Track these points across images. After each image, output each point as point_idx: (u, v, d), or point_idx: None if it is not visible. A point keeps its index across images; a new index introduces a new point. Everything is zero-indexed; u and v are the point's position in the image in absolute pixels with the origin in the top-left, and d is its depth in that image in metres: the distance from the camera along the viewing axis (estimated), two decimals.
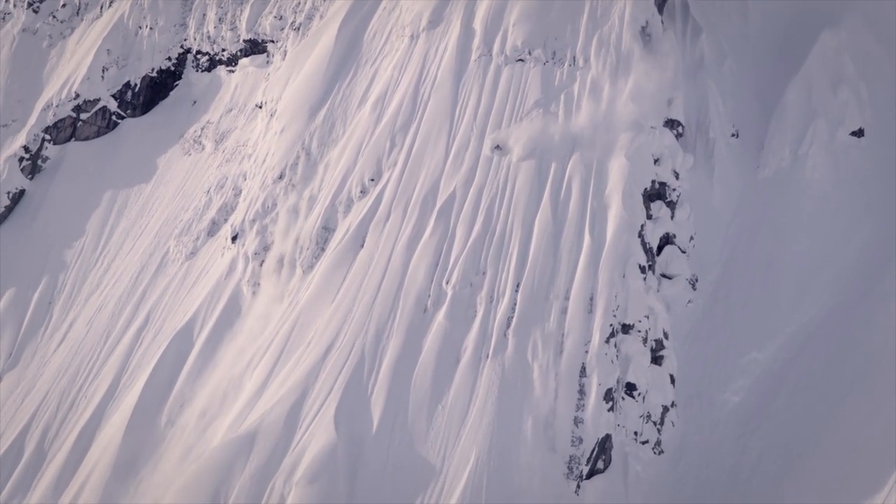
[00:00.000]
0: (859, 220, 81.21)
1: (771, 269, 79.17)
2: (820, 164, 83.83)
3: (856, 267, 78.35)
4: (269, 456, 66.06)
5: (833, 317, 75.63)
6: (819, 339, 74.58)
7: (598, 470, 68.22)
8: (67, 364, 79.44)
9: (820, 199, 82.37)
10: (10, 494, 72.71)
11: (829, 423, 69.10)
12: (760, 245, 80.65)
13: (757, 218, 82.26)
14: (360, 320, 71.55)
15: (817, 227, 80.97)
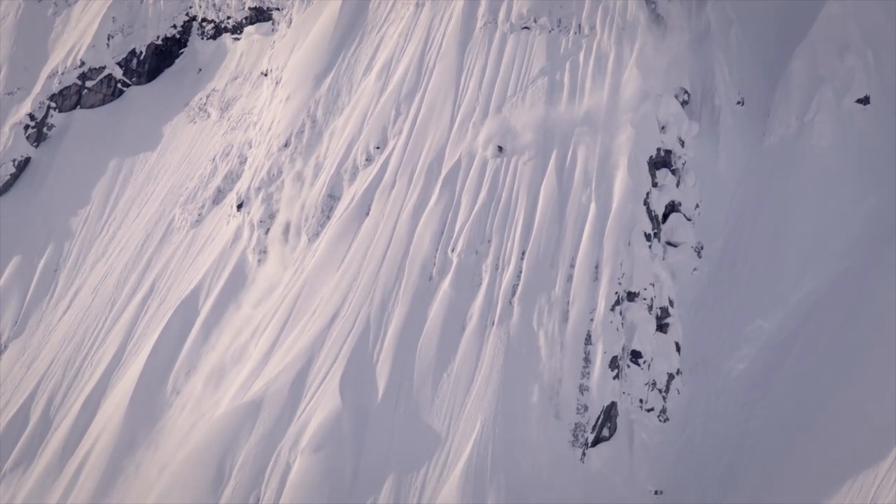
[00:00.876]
0: (865, 188, 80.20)
1: (777, 237, 78.25)
2: (826, 131, 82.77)
3: (862, 235, 77.48)
4: (275, 424, 65.63)
5: (839, 285, 74.82)
6: (825, 308, 73.74)
7: (604, 437, 67.82)
8: (73, 332, 78.78)
9: (826, 166, 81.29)
10: (16, 461, 72.22)
11: (833, 391, 68.33)
12: (766, 213, 79.72)
13: (763, 186, 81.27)
14: (366, 288, 70.95)
15: (823, 195, 79.90)
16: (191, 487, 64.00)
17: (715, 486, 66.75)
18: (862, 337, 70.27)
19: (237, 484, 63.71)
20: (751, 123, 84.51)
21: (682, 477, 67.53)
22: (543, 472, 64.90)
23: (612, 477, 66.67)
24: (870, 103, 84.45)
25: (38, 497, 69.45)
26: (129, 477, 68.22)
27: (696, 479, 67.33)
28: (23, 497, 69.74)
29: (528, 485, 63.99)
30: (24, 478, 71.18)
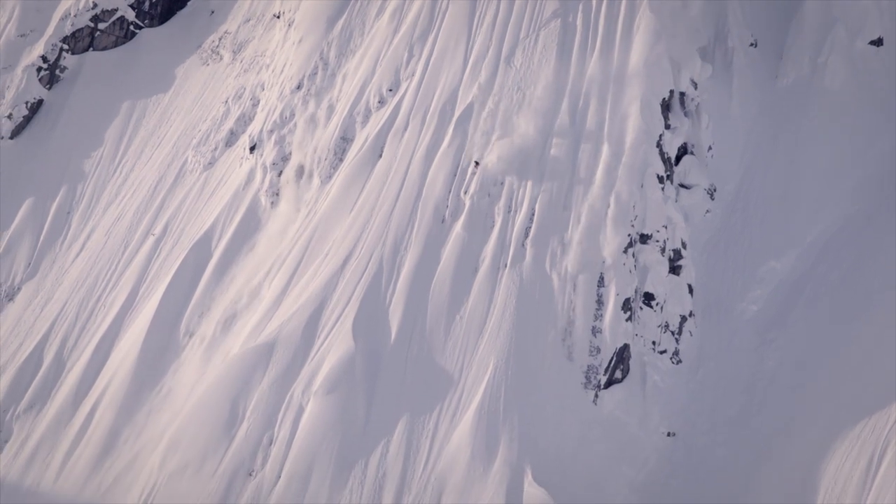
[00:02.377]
0: (878, 130, 78.49)
1: (789, 179, 76.76)
2: (839, 72, 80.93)
3: (873, 175, 75.95)
4: (288, 366, 64.89)
5: (851, 226, 73.54)
6: (837, 249, 72.51)
7: (616, 380, 66.92)
8: (86, 274, 77.68)
9: (838, 108, 79.57)
10: (30, 403, 71.42)
11: (846, 332, 67.21)
12: (779, 155, 78.07)
13: (776, 127, 79.55)
14: (379, 231, 69.84)
15: (836, 137, 78.28)
16: (204, 428, 63.30)
17: (727, 428, 65.75)
18: (873, 277, 69.14)
19: (250, 425, 63.01)
20: (764, 65, 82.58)
21: (695, 419, 66.57)
22: (556, 414, 64.07)
23: (624, 419, 65.83)
24: (883, 45, 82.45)
25: (51, 438, 68.63)
26: (142, 418, 67.49)
27: (708, 421, 66.40)
28: (37, 438, 68.88)
29: (540, 427, 63.12)
30: (37, 419, 70.34)
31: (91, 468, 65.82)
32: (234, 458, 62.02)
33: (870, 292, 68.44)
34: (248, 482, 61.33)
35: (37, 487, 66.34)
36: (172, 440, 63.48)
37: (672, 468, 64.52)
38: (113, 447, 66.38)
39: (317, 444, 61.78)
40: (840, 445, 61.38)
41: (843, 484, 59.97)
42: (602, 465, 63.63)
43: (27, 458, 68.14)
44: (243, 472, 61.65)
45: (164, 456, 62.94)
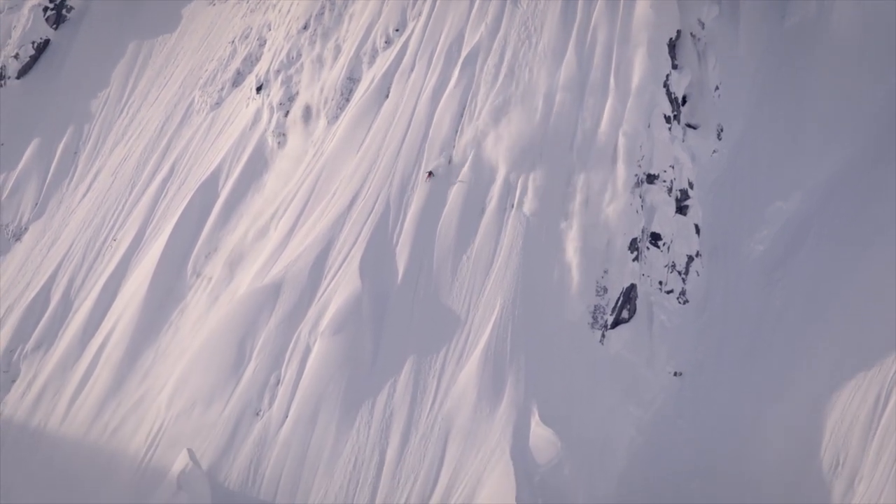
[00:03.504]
0: (885, 70, 76.19)
1: (796, 119, 74.89)
2: (846, 12, 78.56)
3: (880, 116, 73.83)
4: (295, 305, 63.74)
5: (858, 166, 71.74)
6: (844, 189, 70.84)
7: (623, 319, 65.61)
8: (93, 214, 76.26)
9: (846, 48, 77.25)
10: (37, 343, 70.16)
11: (853, 272, 65.98)
12: (786, 94, 76.08)
13: (782, 68, 77.44)
14: (385, 171, 68.36)
15: (842, 78, 76.03)
16: (211, 369, 62.35)
17: (734, 368, 64.51)
18: (881, 217, 67.61)
19: (257, 366, 62.01)
20: (771, 5, 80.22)
21: (702, 359, 65.44)
22: (563, 354, 62.88)
23: (631, 358, 64.65)
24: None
25: (59, 378, 67.44)
26: (149, 358, 66.27)
27: (715, 361, 65.18)
28: (44, 378, 67.74)
29: (547, 367, 61.95)
30: (45, 358, 69.12)
31: (98, 408, 64.64)
32: (241, 398, 61.10)
33: (876, 232, 67.03)
34: (255, 422, 60.37)
35: (44, 427, 65.20)
36: (179, 380, 62.49)
37: (679, 408, 63.46)
38: (120, 387, 65.16)
39: (324, 384, 60.78)
40: (846, 385, 60.68)
41: (849, 423, 59.31)
42: (609, 405, 62.58)
43: (34, 398, 67.03)
44: (250, 412, 60.71)
45: (171, 396, 61.98)
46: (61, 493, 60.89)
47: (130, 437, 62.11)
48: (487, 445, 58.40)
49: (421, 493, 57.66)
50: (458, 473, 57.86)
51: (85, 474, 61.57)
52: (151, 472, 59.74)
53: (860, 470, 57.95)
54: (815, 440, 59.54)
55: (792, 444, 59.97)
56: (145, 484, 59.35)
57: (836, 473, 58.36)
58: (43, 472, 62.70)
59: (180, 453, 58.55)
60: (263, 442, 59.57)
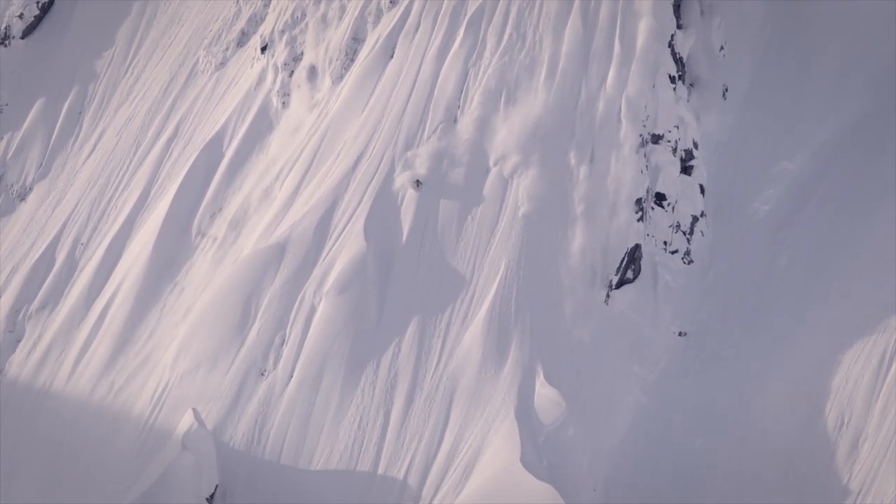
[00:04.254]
0: (891, 28, 74.48)
1: (802, 77, 73.42)
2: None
3: (887, 75, 72.36)
4: (300, 266, 62.69)
5: (863, 125, 70.53)
6: (849, 148, 69.64)
7: (628, 280, 64.64)
8: (98, 174, 75.15)
9: (851, 5, 75.57)
10: (42, 302, 69.36)
11: (858, 233, 65.10)
12: (792, 52, 74.57)
13: (788, 27, 75.83)
14: (390, 131, 67.09)
15: (850, 32, 74.58)
16: (216, 329, 61.41)
17: (739, 328, 63.60)
18: (887, 177, 66.59)
19: (262, 325, 61.05)
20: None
21: (706, 319, 64.42)
22: (567, 314, 61.98)
23: (635, 319, 63.66)
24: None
25: (64, 337, 66.60)
26: (154, 319, 65.40)
27: (720, 321, 64.24)
28: (49, 337, 66.90)
29: (551, 327, 61.13)
30: (50, 318, 68.32)
31: (103, 368, 63.83)
32: (246, 358, 60.18)
33: (882, 192, 66.05)
34: (260, 382, 59.53)
35: (49, 387, 64.39)
36: (184, 340, 61.58)
37: (684, 368, 62.52)
38: (125, 347, 64.33)
39: (328, 344, 59.89)
40: (851, 345, 59.78)
41: (853, 383, 58.53)
42: (614, 364, 61.69)
43: (39, 358, 66.22)
44: (255, 371, 59.85)
45: (176, 355, 61.09)
46: (66, 452, 60.27)
47: (135, 397, 61.38)
48: (492, 405, 57.64)
49: (425, 452, 56.88)
50: (462, 433, 57.11)
51: (90, 434, 60.87)
52: (156, 432, 59.02)
53: (864, 430, 57.20)
54: (820, 400, 58.72)
55: (796, 403, 59.12)
56: (150, 444, 58.67)
57: (840, 433, 57.59)
58: (48, 431, 62.06)
59: (185, 413, 57.64)
60: (268, 402, 58.81)
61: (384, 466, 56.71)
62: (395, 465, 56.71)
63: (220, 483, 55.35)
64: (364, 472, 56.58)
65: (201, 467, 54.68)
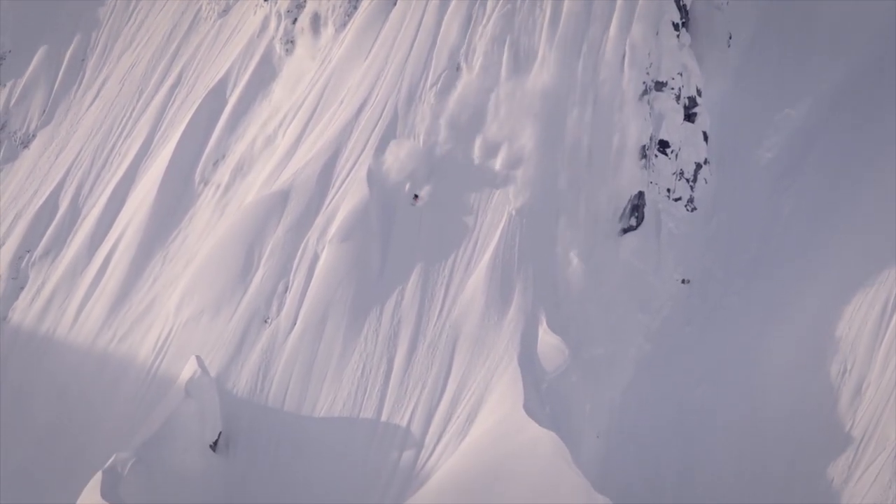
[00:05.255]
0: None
1: (806, 24, 71.69)
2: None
3: (891, 22, 70.66)
4: (303, 213, 61.42)
5: (867, 73, 68.93)
6: (853, 96, 68.19)
7: (631, 227, 63.28)
8: (101, 121, 73.59)
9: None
10: (46, 249, 67.99)
11: (861, 180, 63.85)
12: (795, 1, 72.64)
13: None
14: (393, 78, 65.46)
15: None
16: (219, 276, 60.23)
17: (742, 276, 62.47)
18: (890, 125, 65.30)
19: (265, 273, 59.84)
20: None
21: (710, 266, 63.26)
22: (570, 262, 60.55)
23: (639, 266, 62.36)
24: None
25: (67, 285, 65.43)
26: (157, 266, 64.27)
27: (723, 269, 63.11)
28: (53, 285, 65.73)
29: (555, 275, 59.90)
30: (53, 266, 67.06)
31: (107, 315, 62.71)
32: (250, 306, 58.96)
33: (885, 140, 64.73)
34: (264, 329, 58.31)
35: (52, 334, 63.31)
36: (188, 287, 60.41)
37: (687, 316, 61.37)
38: (128, 294, 63.23)
39: (332, 291, 58.70)
40: (854, 292, 58.74)
41: (856, 331, 57.52)
42: (617, 312, 60.49)
43: (43, 305, 65.09)
44: (258, 319, 58.62)
45: (180, 303, 59.91)
46: (71, 399, 59.43)
47: (139, 345, 60.37)
48: (495, 353, 56.55)
49: (429, 400, 55.75)
50: (465, 381, 56.00)
51: (94, 381, 59.93)
52: (160, 380, 58.08)
53: (867, 377, 56.30)
54: (823, 347, 57.68)
55: (800, 350, 58.07)
56: (154, 391, 57.76)
57: (843, 381, 56.59)
58: (52, 379, 61.12)
59: (188, 361, 56.36)
60: (271, 349, 57.67)
61: (387, 414, 55.60)
62: (398, 412, 55.59)
63: (223, 430, 54.26)
64: (367, 419, 55.49)
65: (205, 414, 53.51)
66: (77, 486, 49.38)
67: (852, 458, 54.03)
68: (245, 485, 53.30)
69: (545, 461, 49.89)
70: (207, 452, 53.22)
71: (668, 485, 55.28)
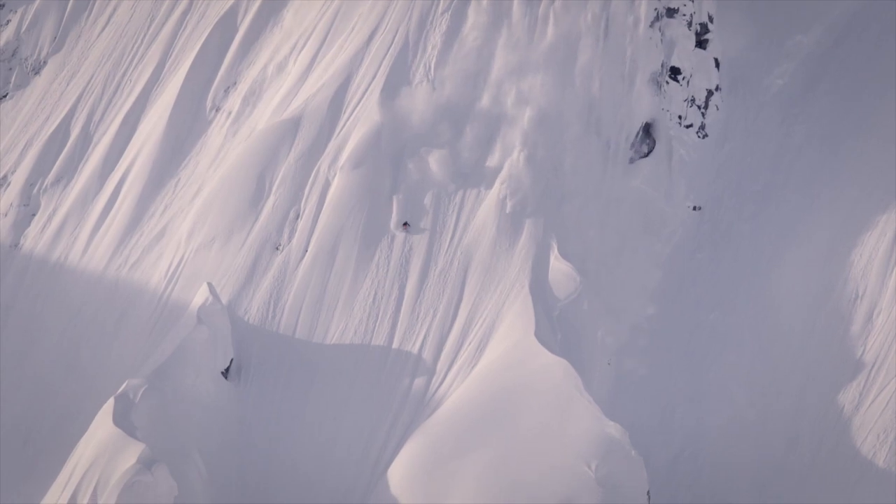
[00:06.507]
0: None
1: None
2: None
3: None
4: (314, 140, 59.26)
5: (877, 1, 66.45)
6: (863, 23, 65.93)
7: (643, 154, 61.33)
8: (112, 48, 70.70)
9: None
10: (57, 176, 65.60)
11: (871, 106, 61.73)
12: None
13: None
14: (405, 5, 62.81)
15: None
16: (230, 202, 58.21)
17: (752, 203, 60.60)
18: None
19: (277, 199, 57.86)
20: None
21: (720, 193, 61.29)
22: (582, 188, 58.56)
23: (650, 193, 60.44)
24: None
25: (79, 212, 63.18)
26: (169, 192, 62.01)
27: (734, 196, 61.12)
28: (64, 211, 63.48)
29: (566, 202, 57.85)
30: (65, 192, 64.72)
31: (118, 242, 60.57)
32: (261, 232, 57.01)
33: (894, 67, 62.60)
34: (275, 256, 56.35)
35: (64, 261, 61.18)
36: (200, 214, 58.42)
37: (698, 242, 59.60)
38: (140, 221, 61.06)
39: (343, 218, 56.66)
40: (866, 220, 57.00)
41: (868, 257, 55.86)
42: (628, 239, 58.66)
43: (54, 232, 62.88)
44: (270, 245, 56.67)
45: (191, 229, 57.94)
46: (82, 326, 57.59)
47: (150, 271, 58.39)
48: (506, 280, 54.63)
49: (440, 327, 53.86)
50: (476, 308, 54.11)
51: (105, 308, 58.02)
52: (171, 307, 56.16)
53: (879, 304, 54.66)
54: (834, 274, 56.04)
55: (810, 278, 56.39)
56: (165, 318, 55.88)
57: (855, 306, 54.87)
58: (63, 305, 59.16)
59: (200, 287, 54.60)
60: (283, 276, 55.76)
61: (399, 341, 53.73)
62: (409, 339, 53.72)
63: (234, 357, 52.60)
64: (378, 346, 53.64)
65: (216, 341, 51.74)
66: (89, 413, 47.87)
67: (863, 384, 52.43)
68: (256, 411, 51.73)
69: (556, 388, 48.11)
70: (219, 379, 51.63)
71: (678, 412, 53.71)
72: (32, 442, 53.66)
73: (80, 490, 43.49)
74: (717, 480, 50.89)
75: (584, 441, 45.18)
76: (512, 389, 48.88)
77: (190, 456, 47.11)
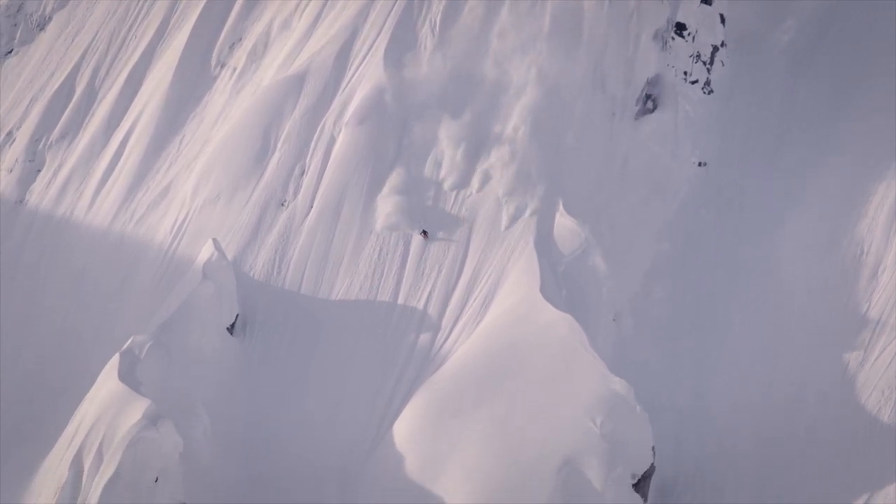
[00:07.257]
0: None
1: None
2: None
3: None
4: (319, 96, 58.06)
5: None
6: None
7: (648, 110, 59.78)
8: (117, 4, 68.97)
9: None
10: (62, 132, 64.38)
11: (877, 62, 60.33)
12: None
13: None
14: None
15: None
16: (236, 158, 57.07)
17: (759, 159, 59.15)
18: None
19: (282, 156, 56.66)
20: None
21: (726, 150, 59.73)
22: (587, 144, 57.04)
23: (656, 149, 58.78)
24: None
25: (84, 168, 61.99)
26: (174, 148, 60.87)
27: (739, 152, 59.66)
28: (69, 167, 62.33)
29: (571, 158, 56.34)
30: (70, 148, 63.52)
31: (123, 197, 59.44)
32: (266, 188, 55.87)
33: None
34: (280, 212, 55.22)
35: (69, 217, 60.03)
36: (204, 170, 57.27)
37: (704, 199, 58.05)
38: (145, 177, 59.89)
39: (348, 174, 55.42)
40: (871, 177, 55.51)
41: (873, 214, 54.51)
42: (633, 195, 57.23)
43: (60, 188, 61.71)
44: (275, 201, 55.51)
45: (197, 185, 56.78)
46: (87, 282, 56.52)
47: (156, 228, 57.29)
48: (511, 235, 53.42)
49: (445, 283, 52.60)
50: (482, 264, 52.87)
51: (111, 264, 56.91)
52: (177, 262, 55.01)
53: (884, 260, 53.19)
54: (840, 229, 54.69)
55: (816, 234, 54.96)
56: (171, 274, 54.72)
57: (860, 262, 53.45)
58: (69, 261, 58.09)
59: (205, 243, 53.44)
60: (288, 232, 54.61)
61: (404, 297, 52.49)
62: (414, 295, 52.47)
63: (240, 313, 51.47)
64: (384, 302, 52.45)
65: (221, 297, 50.67)
66: (95, 369, 46.97)
67: (867, 341, 51.15)
68: (261, 367, 50.65)
69: (561, 344, 47.02)
70: (224, 335, 50.59)
71: (684, 368, 52.42)
72: (39, 399, 52.51)
73: (85, 446, 42.65)
74: (722, 438, 49.86)
75: (590, 397, 44.24)
76: (517, 345, 47.78)
77: (195, 411, 46.30)
